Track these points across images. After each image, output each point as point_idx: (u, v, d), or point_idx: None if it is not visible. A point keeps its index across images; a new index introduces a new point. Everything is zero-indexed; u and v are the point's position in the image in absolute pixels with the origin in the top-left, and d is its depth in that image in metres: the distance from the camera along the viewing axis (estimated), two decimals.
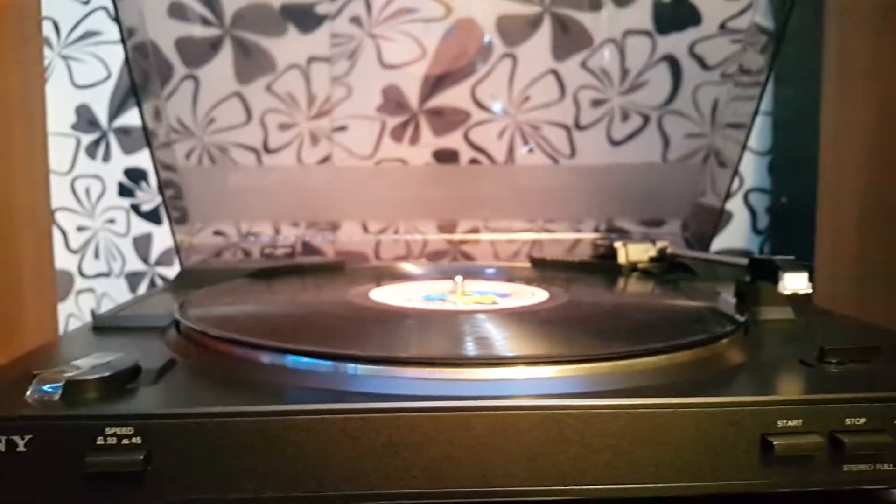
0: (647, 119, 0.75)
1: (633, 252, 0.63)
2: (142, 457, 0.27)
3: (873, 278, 0.62)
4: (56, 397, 0.28)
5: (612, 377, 0.31)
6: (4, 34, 0.53)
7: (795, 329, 0.42)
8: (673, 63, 0.74)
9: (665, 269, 0.61)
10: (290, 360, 0.33)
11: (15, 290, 0.52)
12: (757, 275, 0.44)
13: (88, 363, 0.30)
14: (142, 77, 0.65)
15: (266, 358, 0.33)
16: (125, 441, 0.27)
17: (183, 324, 0.39)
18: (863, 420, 0.29)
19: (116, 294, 0.82)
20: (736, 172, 0.70)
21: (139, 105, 0.65)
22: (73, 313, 0.81)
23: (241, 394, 0.30)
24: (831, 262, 0.69)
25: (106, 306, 0.82)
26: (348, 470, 0.28)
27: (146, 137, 0.65)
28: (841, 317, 0.47)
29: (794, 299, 0.43)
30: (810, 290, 0.41)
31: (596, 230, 0.77)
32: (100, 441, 0.27)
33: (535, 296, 0.47)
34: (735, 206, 0.83)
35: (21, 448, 0.27)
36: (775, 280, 0.41)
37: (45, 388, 0.28)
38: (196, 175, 0.72)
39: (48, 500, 0.27)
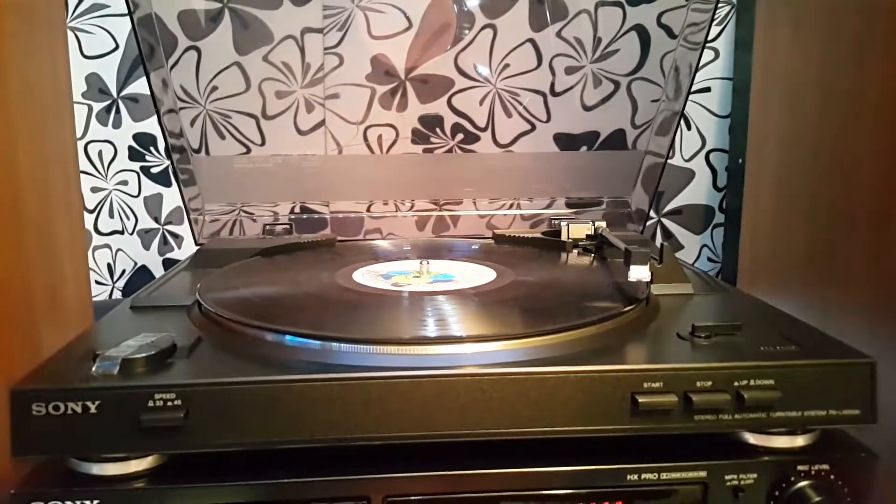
0: (617, 85, 0.81)
1: (574, 230, 0.72)
2: (182, 414, 0.36)
3: (787, 244, 0.70)
4: (115, 371, 0.36)
5: (528, 350, 0.40)
6: (35, 8, 0.58)
7: (691, 304, 0.52)
8: (642, 32, 0.79)
9: (600, 245, 0.69)
10: (288, 339, 0.42)
11: (54, 257, 0.59)
12: (625, 261, 0.51)
13: (136, 343, 0.39)
14: (148, 48, 0.71)
15: (270, 337, 0.42)
16: (169, 403, 0.36)
17: (204, 307, 0.48)
18: (710, 383, 0.38)
19: (130, 250, 0.89)
20: (673, 140, 0.77)
21: (147, 75, 0.70)
22: (91, 268, 0.89)
23: (253, 364, 0.40)
24: (753, 220, 0.78)
25: (121, 261, 0.90)
26: (331, 422, 0.37)
27: (155, 106, 0.71)
28: (733, 292, 0.57)
29: (700, 274, 0.56)
30: (649, 279, 0.50)
31: (568, 205, 0.84)
32: (150, 404, 0.36)
33: (484, 276, 0.57)
34: (697, 165, 0.90)
35: (93, 410, 0.35)
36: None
37: (107, 364, 0.37)
38: (205, 158, 0.79)
39: (115, 447, 0.36)
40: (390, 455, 0.38)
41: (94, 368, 0.37)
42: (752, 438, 0.40)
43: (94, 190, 0.88)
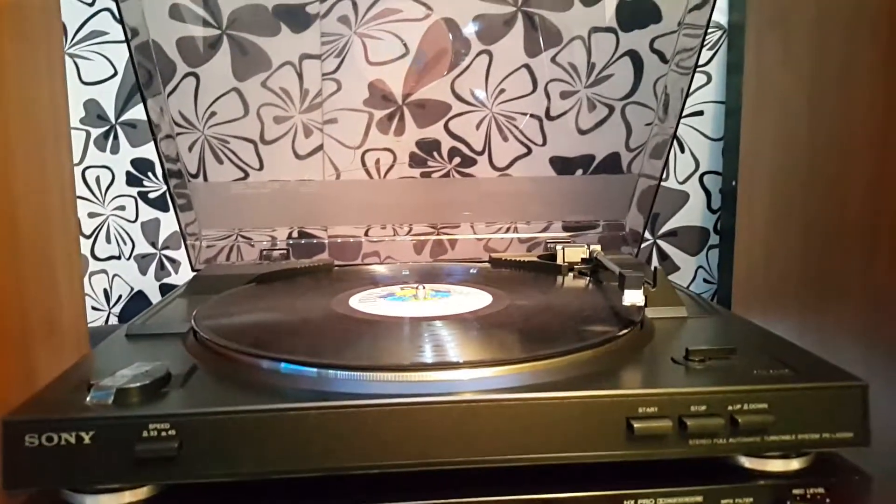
0: (611, 109, 0.81)
1: (569, 254, 0.73)
2: (176, 445, 0.35)
3: (781, 265, 0.71)
4: (109, 401, 0.36)
5: (523, 375, 0.40)
6: (34, 35, 0.59)
7: (685, 327, 0.52)
8: (635, 57, 0.80)
9: (595, 269, 0.70)
10: (283, 367, 0.42)
11: (51, 282, 0.59)
12: (620, 285, 0.52)
13: (131, 372, 0.39)
14: (145, 75, 0.71)
15: (265, 365, 0.42)
16: (163, 434, 0.35)
17: (199, 335, 0.48)
18: (704, 407, 0.38)
19: (126, 275, 0.90)
20: (667, 163, 0.78)
21: (144, 101, 0.71)
22: (88, 293, 0.89)
23: (248, 393, 0.39)
24: (747, 242, 0.78)
25: (117, 286, 0.90)
26: (326, 451, 0.36)
27: (151, 131, 0.72)
28: (726, 314, 0.57)
29: (694, 297, 0.57)
30: (643, 304, 0.50)
31: (565, 229, 0.84)
32: (145, 434, 0.35)
33: (480, 300, 0.58)
34: (691, 187, 0.91)
35: (87, 441, 0.35)
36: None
37: (101, 394, 0.36)
38: (202, 184, 0.79)
39: (108, 478, 0.36)
40: (387, 484, 0.38)
41: (88, 398, 0.36)
42: (747, 462, 0.40)
43: (92, 215, 0.88)
